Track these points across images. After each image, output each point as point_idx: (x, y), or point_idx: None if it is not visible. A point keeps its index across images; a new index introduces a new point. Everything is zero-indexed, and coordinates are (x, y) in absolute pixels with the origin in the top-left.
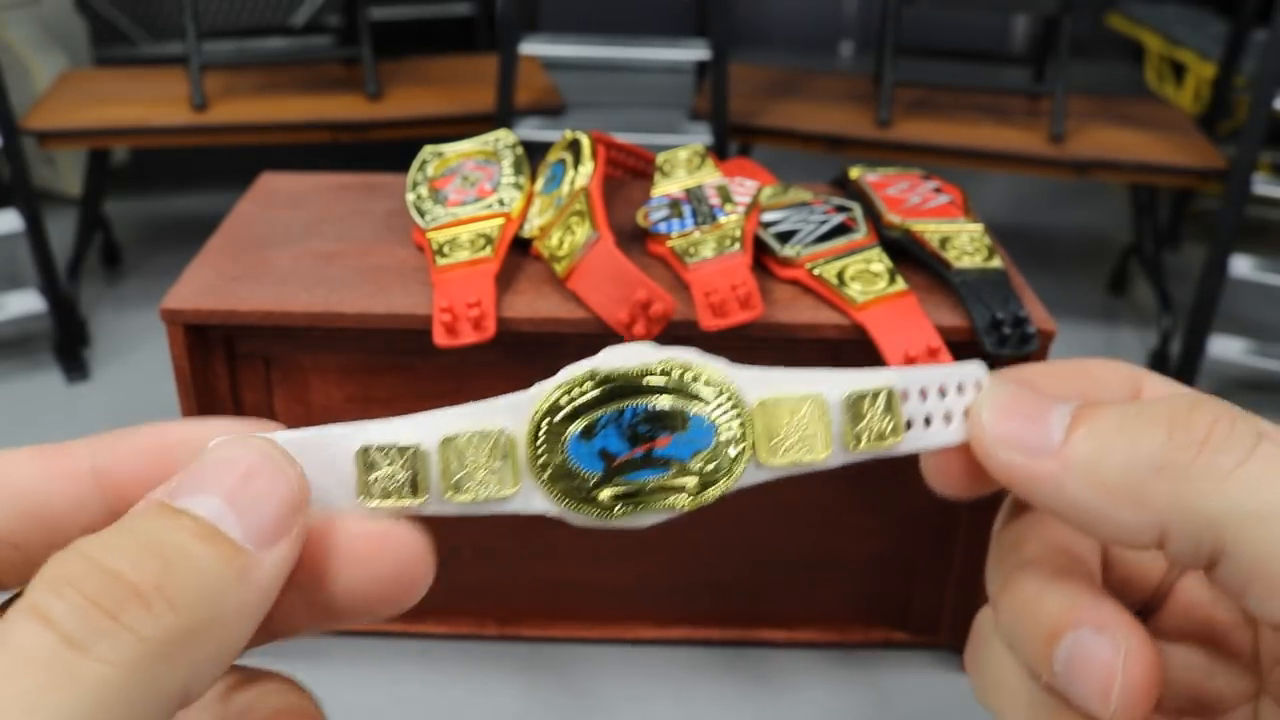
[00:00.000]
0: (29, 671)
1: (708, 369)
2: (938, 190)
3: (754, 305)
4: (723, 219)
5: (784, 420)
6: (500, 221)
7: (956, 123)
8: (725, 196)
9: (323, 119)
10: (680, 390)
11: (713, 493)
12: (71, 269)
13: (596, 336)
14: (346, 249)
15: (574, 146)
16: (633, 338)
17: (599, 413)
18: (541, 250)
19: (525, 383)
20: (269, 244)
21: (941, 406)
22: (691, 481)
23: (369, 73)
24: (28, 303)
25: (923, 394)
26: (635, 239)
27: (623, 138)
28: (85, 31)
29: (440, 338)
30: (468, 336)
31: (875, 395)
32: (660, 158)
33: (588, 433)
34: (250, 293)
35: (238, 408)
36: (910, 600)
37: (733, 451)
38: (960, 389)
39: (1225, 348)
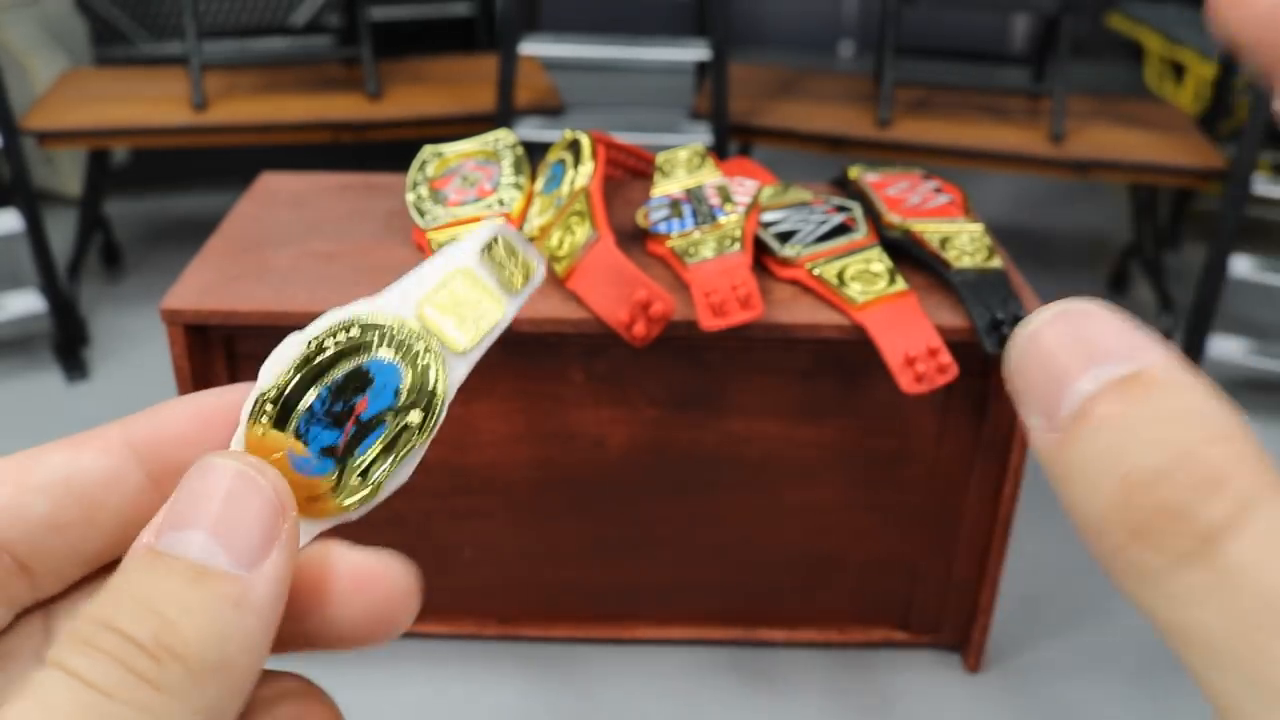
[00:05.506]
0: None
1: (355, 319)
2: (938, 190)
3: (754, 305)
4: (723, 219)
5: (449, 308)
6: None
7: (956, 123)
8: (725, 196)
9: (323, 119)
10: (342, 354)
11: (436, 406)
12: (71, 269)
13: (596, 336)
14: (346, 249)
15: (574, 146)
16: (633, 338)
17: (295, 423)
18: (541, 250)
19: (527, 383)
20: (269, 244)
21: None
22: (414, 415)
23: (369, 73)
24: (28, 303)
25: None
26: (635, 239)
27: (623, 138)
28: (85, 31)
29: None
30: None
31: (494, 243)
32: (660, 158)
33: (301, 444)
34: (250, 293)
35: None
36: (910, 600)
37: (423, 364)
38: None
39: (1225, 348)
